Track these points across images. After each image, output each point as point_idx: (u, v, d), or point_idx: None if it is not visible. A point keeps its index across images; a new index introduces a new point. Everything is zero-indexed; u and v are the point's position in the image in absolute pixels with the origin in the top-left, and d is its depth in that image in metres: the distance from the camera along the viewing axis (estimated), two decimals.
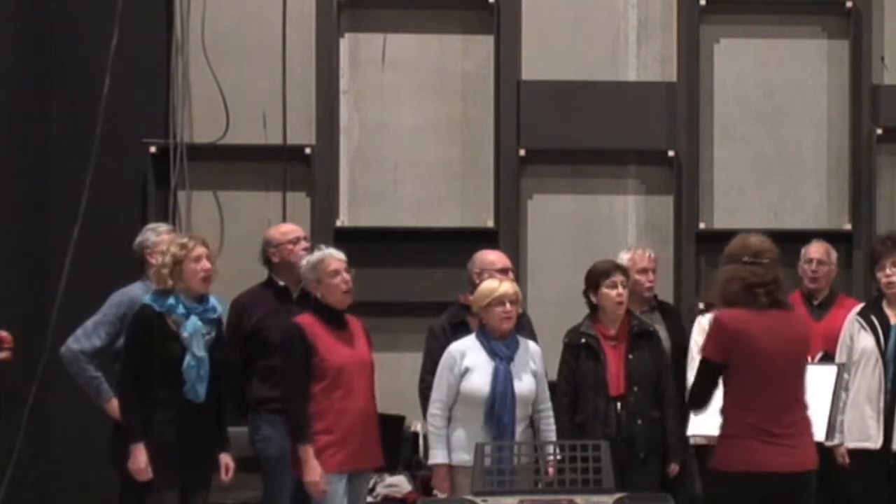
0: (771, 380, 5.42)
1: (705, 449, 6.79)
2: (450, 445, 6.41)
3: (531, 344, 6.61)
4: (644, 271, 7.39)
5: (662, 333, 7.22)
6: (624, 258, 7.41)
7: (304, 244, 6.89)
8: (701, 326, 6.95)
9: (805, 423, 5.53)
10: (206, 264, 6.10)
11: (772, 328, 5.44)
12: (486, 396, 6.36)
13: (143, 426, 5.97)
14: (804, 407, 5.54)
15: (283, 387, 6.36)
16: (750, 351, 5.40)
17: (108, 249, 7.49)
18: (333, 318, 6.38)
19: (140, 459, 5.95)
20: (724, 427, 5.52)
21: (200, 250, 6.10)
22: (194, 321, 6.03)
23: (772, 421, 5.40)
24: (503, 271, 6.86)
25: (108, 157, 7.85)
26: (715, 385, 5.53)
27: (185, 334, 6.01)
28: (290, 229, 7.05)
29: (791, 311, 5.62)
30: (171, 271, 6.04)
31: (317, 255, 6.47)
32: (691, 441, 6.88)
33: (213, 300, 6.21)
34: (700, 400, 5.63)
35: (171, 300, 6.03)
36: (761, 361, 5.41)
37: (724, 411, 5.51)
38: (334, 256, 6.43)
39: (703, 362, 5.59)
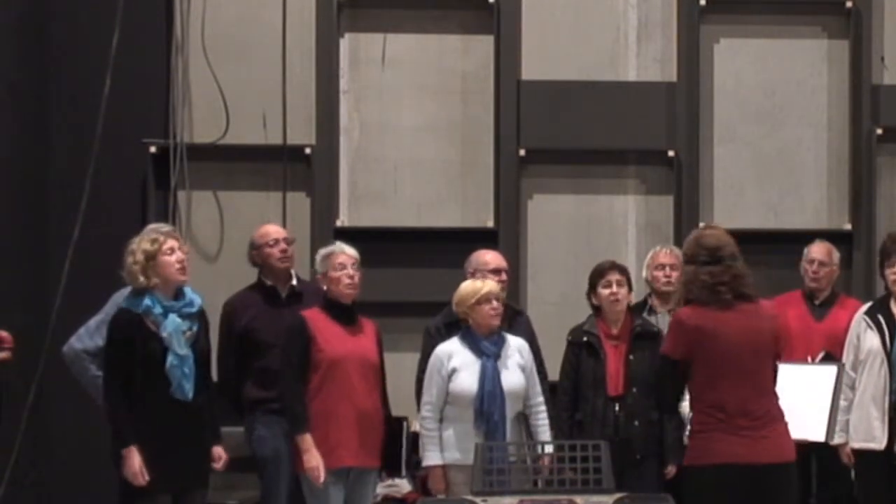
0: (735, 373, 5.39)
1: None
2: (442, 445, 6.42)
3: (517, 340, 6.62)
4: (661, 267, 7.37)
5: None
6: (648, 255, 7.46)
7: (282, 246, 6.89)
8: None
9: (775, 414, 5.47)
10: (179, 255, 6.01)
11: (732, 322, 5.42)
12: (474, 395, 6.38)
13: (133, 429, 5.89)
14: (773, 397, 5.49)
15: (281, 378, 6.39)
16: (710, 346, 5.39)
17: (108, 249, 7.44)
18: (341, 314, 6.42)
19: (134, 463, 5.87)
20: (692, 423, 5.52)
21: (172, 242, 6.03)
22: (173, 319, 5.95)
23: (739, 414, 5.37)
24: (496, 272, 6.87)
25: (108, 157, 7.85)
26: (677, 382, 5.52)
27: (164, 334, 5.93)
28: (268, 231, 7.03)
29: (755, 304, 5.53)
30: (144, 268, 5.95)
31: (328, 248, 6.57)
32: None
33: (190, 294, 6.10)
34: (665, 399, 5.73)
35: (148, 301, 5.94)
36: (722, 355, 5.39)
37: (692, 408, 5.51)
38: (344, 251, 6.51)
39: (662, 359, 5.59)
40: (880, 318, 6.67)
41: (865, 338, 6.69)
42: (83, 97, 7.94)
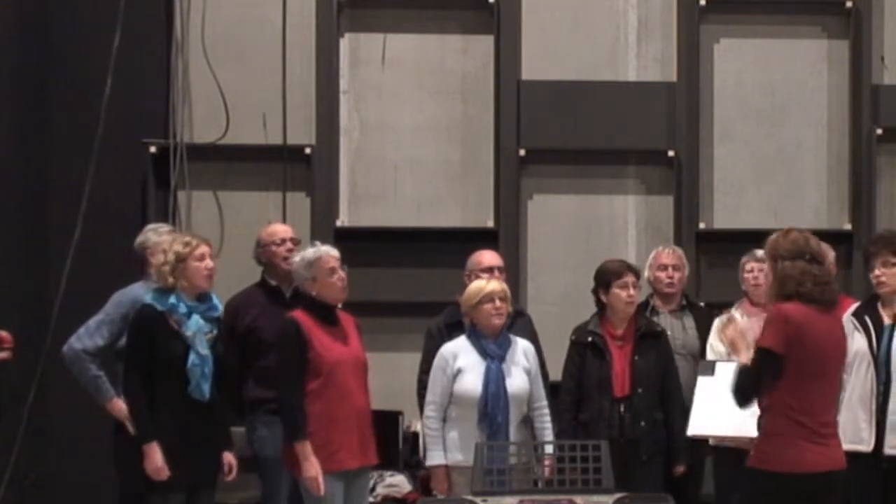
0: (825, 378, 5.47)
1: (720, 450, 6.80)
2: (445, 446, 6.42)
3: (523, 342, 6.61)
4: (664, 267, 7.36)
5: (692, 334, 7.21)
6: (650, 255, 7.46)
7: (289, 245, 6.90)
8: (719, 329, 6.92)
9: (837, 423, 5.62)
10: (209, 263, 6.12)
11: (830, 326, 5.51)
12: (478, 396, 6.37)
13: (154, 426, 5.96)
14: (838, 406, 5.66)
15: (278, 383, 6.32)
16: (811, 348, 5.40)
17: (108, 249, 7.48)
18: (327, 315, 6.35)
19: (156, 458, 5.94)
20: (769, 424, 5.47)
21: (204, 249, 6.12)
22: (196, 320, 6.04)
23: (818, 421, 5.44)
24: (488, 270, 6.88)
25: (108, 157, 7.85)
26: (775, 377, 5.41)
27: (188, 333, 6.01)
28: (276, 230, 7.05)
29: (839, 313, 5.69)
30: (174, 269, 6.04)
31: (311, 252, 6.42)
32: (710, 442, 6.85)
33: (214, 298, 6.21)
34: (752, 392, 5.49)
35: (173, 299, 6.03)
36: (820, 359, 5.43)
37: (771, 408, 5.47)
38: (330, 254, 6.40)
39: (764, 352, 5.44)
40: (867, 319, 6.64)
41: (853, 339, 6.64)
42: (83, 97, 7.94)
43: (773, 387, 5.46)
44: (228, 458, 6.26)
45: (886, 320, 6.60)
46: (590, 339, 6.85)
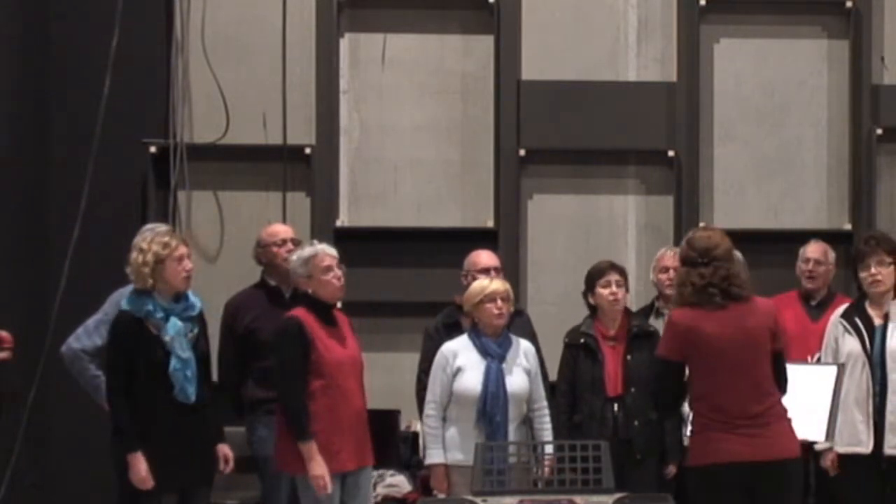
0: (731, 373, 5.47)
1: None
2: (444, 444, 6.42)
3: (524, 343, 6.62)
4: (665, 269, 7.36)
5: None
6: (655, 258, 7.49)
7: (289, 246, 6.89)
8: None
9: (775, 412, 5.54)
10: (187, 264, 6.06)
11: (723, 322, 5.48)
12: (477, 395, 6.38)
13: (137, 435, 5.92)
14: (772, 396, 5.56)
15: (280, 383, 6.26)
16: (704, 347, 5.46)
17: (108, 249, 7.45)
18: (326, 315, 6.34)
19: (140, 468, 5.90)
20: (694, 424, 5.58)
21: (183, 250, 6.06)
22: (175, 322, 5.98)
23: (737, 413, 5.44)
24: (485, 271, 6.88)
25: (108, 157, 7.85)
26: (678, 384, 5.62)
27: (166, 338, 5.95)
28: (277, 230, 7.06)
29: (748, 303, 5.59)
30: (153, 270, 5.98)
31: (308, 250, 6.41)
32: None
33: (190, 296, 6.13)
34: (665, 402, 5.80)
35: (149, 305, 5.96)
36: (717, 356, 5.46)
37: (692, 408, 5.59)
38: (326, 252, 6.39)
39: (661, 363, 5.65)
40: (857, 321, 6.62)
41: (844, 342, 6.64)
42: (83, 97, 7.94)
43: (689, 388, 5.58)
44: (223, 449, 6.22)
45: (877, 321, 6.60)
46: (582, 340, 6.87)
